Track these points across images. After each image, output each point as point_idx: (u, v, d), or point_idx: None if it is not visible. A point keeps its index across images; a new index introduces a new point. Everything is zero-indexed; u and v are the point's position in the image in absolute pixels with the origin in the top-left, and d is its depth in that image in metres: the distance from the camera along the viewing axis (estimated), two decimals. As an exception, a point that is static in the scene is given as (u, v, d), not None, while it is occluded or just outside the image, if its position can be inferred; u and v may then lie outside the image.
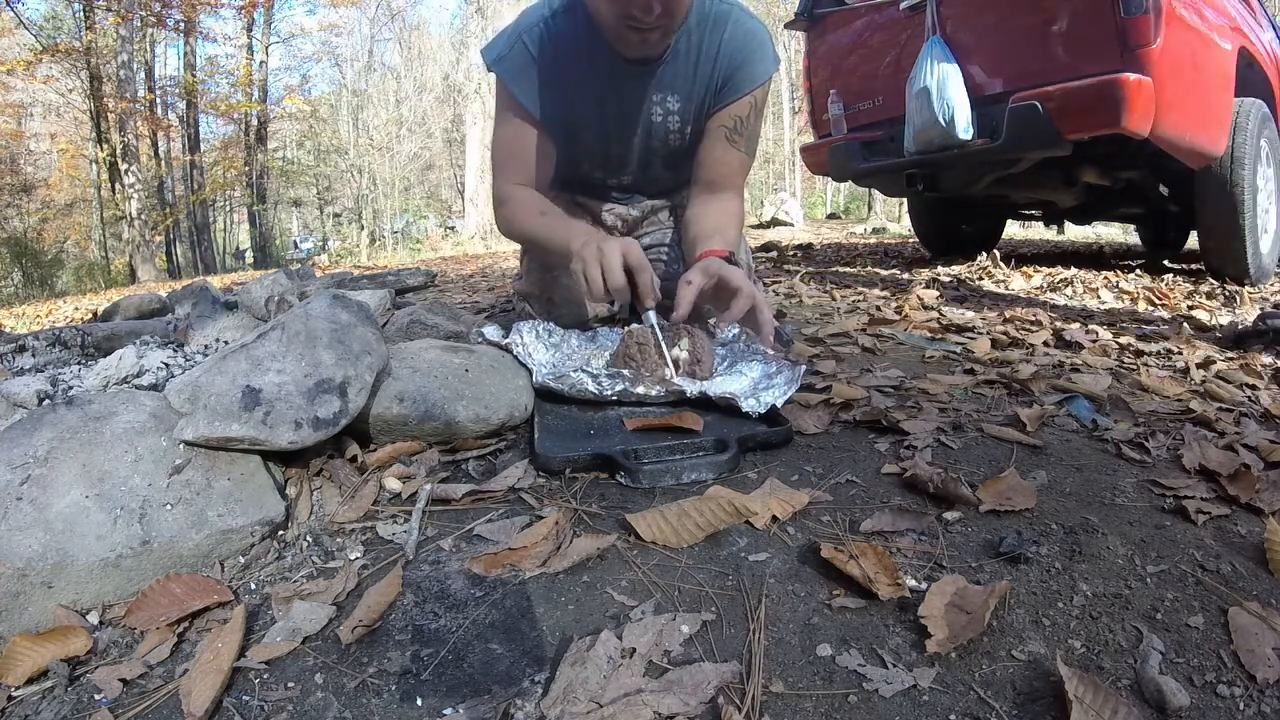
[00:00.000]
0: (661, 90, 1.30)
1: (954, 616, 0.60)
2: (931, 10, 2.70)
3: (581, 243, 1.14)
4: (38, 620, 0.67)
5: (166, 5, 12.78)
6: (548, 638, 0.62)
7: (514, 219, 1.33)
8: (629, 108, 1.32)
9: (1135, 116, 2.27)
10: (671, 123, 1.35)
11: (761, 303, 1.10)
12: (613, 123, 1.34)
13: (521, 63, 1.25)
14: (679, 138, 1.37)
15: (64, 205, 18.60)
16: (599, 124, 1.35)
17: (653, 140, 1.38)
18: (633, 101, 1.31)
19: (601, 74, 1.27)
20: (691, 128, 1.36)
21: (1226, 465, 0.87)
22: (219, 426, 0.80)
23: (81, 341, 1.41)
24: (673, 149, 1.39)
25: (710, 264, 1.14)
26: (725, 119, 1.31)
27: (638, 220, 1.56)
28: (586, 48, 1.24)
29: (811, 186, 21.65)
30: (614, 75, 1.27)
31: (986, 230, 4.31)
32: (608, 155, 1.42)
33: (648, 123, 1.35)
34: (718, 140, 1.33)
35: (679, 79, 1.29)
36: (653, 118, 1.34)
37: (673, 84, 1.30)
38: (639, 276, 1.10)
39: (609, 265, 1.08)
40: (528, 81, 1.25)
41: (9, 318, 4.90)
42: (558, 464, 0.90)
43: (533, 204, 1.31)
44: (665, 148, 1.39)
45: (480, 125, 13.80)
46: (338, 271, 3.67)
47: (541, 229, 1.28)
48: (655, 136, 1.37)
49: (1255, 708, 0.54)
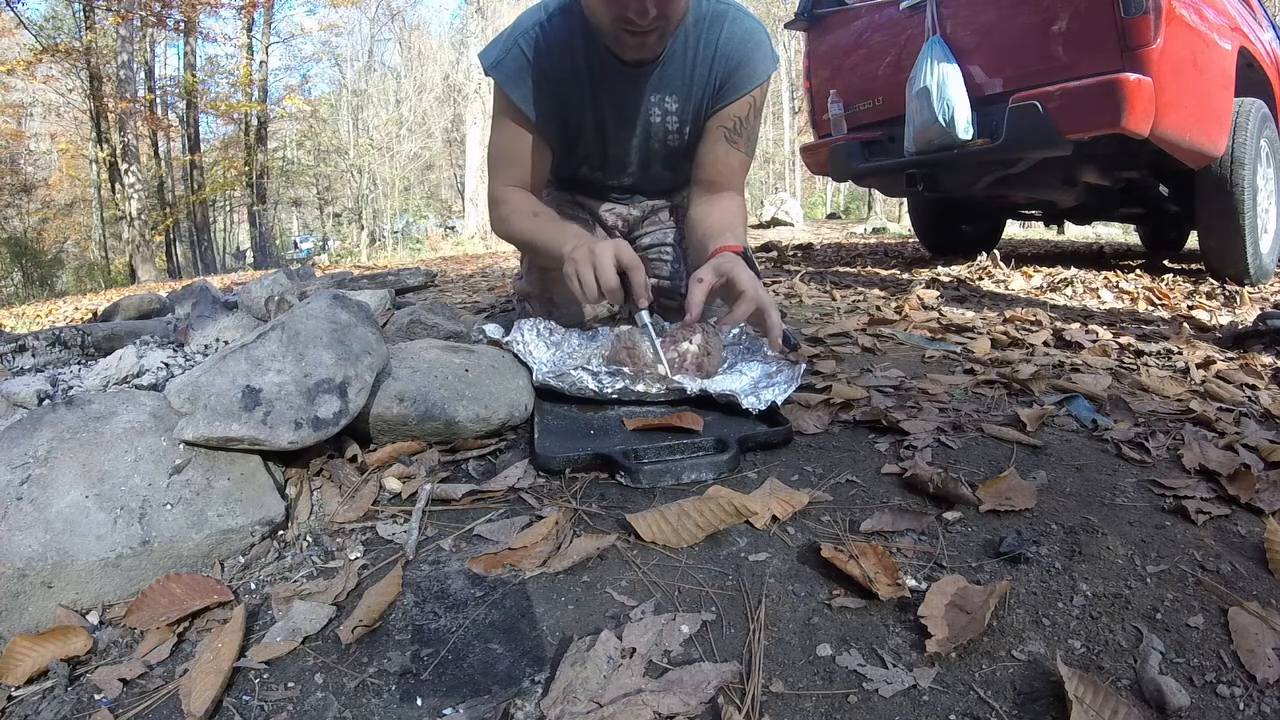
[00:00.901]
0: (659, 91, 1.30)
1: (954, 616, 0.60)
2: (931, 10, 2.70)
3: (573, 246, 1.14)
4: (38, 620, 0.67)
5: (166, 5, 12.77)
6: (548, 638, 0.62)
7: (508, 220, 1.33)
8: (627, 110, 1.32)
9: (1135, 116, 2.27)
10: (670, 123, 1.35)
11: (769, 305, 1.09)
12: (611, 125, 1.35)
13: (517, 67, 1.25)
14: (678, 138, 1.37)
15: (64, 205, 18.61)
16: (597, 126, 1.35)
17: (652, 141, 1.38)
18: (631, 103, 1.31)
19: (598, 76, 1.27)
20: (690, 128, 1.36)
21: (1226, 465, 0.87)
22: (219, 426, 0.80)
23: (81, 341, 1.41)
24: (672, 149, 1.40)
25: (723, 262, 1.12)
26: (725, 119, 1.31)
27: (638, 220, 1.57)
28: (583, 50, 1.24)
29: (811, 186, 21.65)
30: (611, 77, 1.27)
31: (986, 230, 4.31)
32: (606, 157, 1.42)
33: (646, 124, 1.35)
34: (718, 140, 1.33)
35: (676, 79, 1.29)
36: (651, 119, 1.34)
37: (670, 85, 1.30)
38: (632, 276, 1.09)
39: (601, 266, 1.08)
40: (524, 85, 1.25)
41: (9, 318, 4.90)
42: (558, 464, 0.90)
43: (525, 206, 1.31)
44: (665, 148, 1.39)
45: (480, 125, 13.80)
46: (338, 271, 3.67)
47: (534, 231, 1.28)
48: (654, 137, 1.37)
49: (1255, 708, 0.54)
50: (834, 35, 3.31)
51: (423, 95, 21.02)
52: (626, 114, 1.33)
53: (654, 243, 1.54)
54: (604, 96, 1.30)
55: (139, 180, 12.03)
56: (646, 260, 1.46)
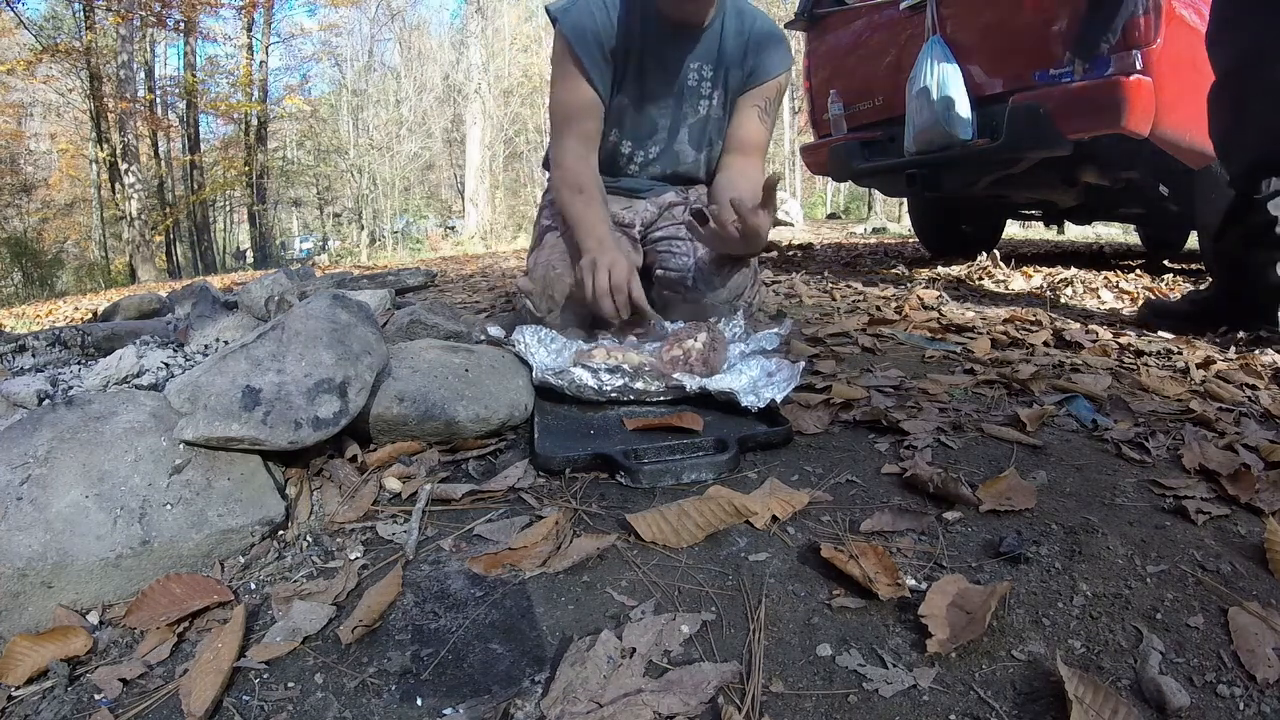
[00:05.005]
0: (698, 59, 1.46)
1: (955, 616, 0.60)
2: (931, 10, 2.70)
3: (591, 259, 1.28)
4: (38, 620, 0.67)
5: (166, 5, 12.76)
6: (548, 638, 0.62)
7: (557, 190, 1.47)
8: (669, 68, 1.46)
9: (1135, 116, 2.27)
10: (704, 89, 1.49)
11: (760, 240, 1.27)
12: (651, 79, 1.46)
13: (584, 18, 1.38)
14: (707, 104, 1.51)
15: (64, 205, 18.60)
16: (639, 84, 1.47)
17: (684, 104, 1.50)
18: (673, 63, 1.45)
19: (650, 34, 1.41)
20: (717, 97, 1.50)
21: (1226, 465, 0.87)
22: (219, 426, 0.80)
23: (81, 341, 1.41)
24: (700, 117, 1.52)
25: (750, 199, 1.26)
26: (757, 98, 1.52)
27: (654, 217, 1.61)
28: (639, 8, 1.39)
29: (811, 186, 21.64)
30: (660, 37, 1.42)
31: (986, 230, 4.31)
32: (641, 119, 1.51)
33: (682, 86, 1.48)
34: (752, 113, 1.53)
35: (713, 50, 1.46)
36: (687, 81, 1.48)
37: (708, 55, 1.46)
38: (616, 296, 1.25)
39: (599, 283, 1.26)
40: (588, 39, 1.38)
41: (9, 318, 4.90)
42: (558, 464, 0.90)
43: (573, 179, 1.43)
44: (694, 113, 1.52)
45: (480, 125, 13.78)
46: (338, 271, 3.66)
47: (572, 211, 1.41)
48: (687, 100, 1.50)
49: (1255, 708, 0.54)
50: (834, 35, 3.31)
51: (423, 95, 21.02)
52: (668, 72, 1.46)
53: (666, 235, 1.57)
54: (650, 54, 1.43)
55: (139, 180, 12.02)
56: (657, 252, 1.54)
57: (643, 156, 1.58)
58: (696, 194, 1.61)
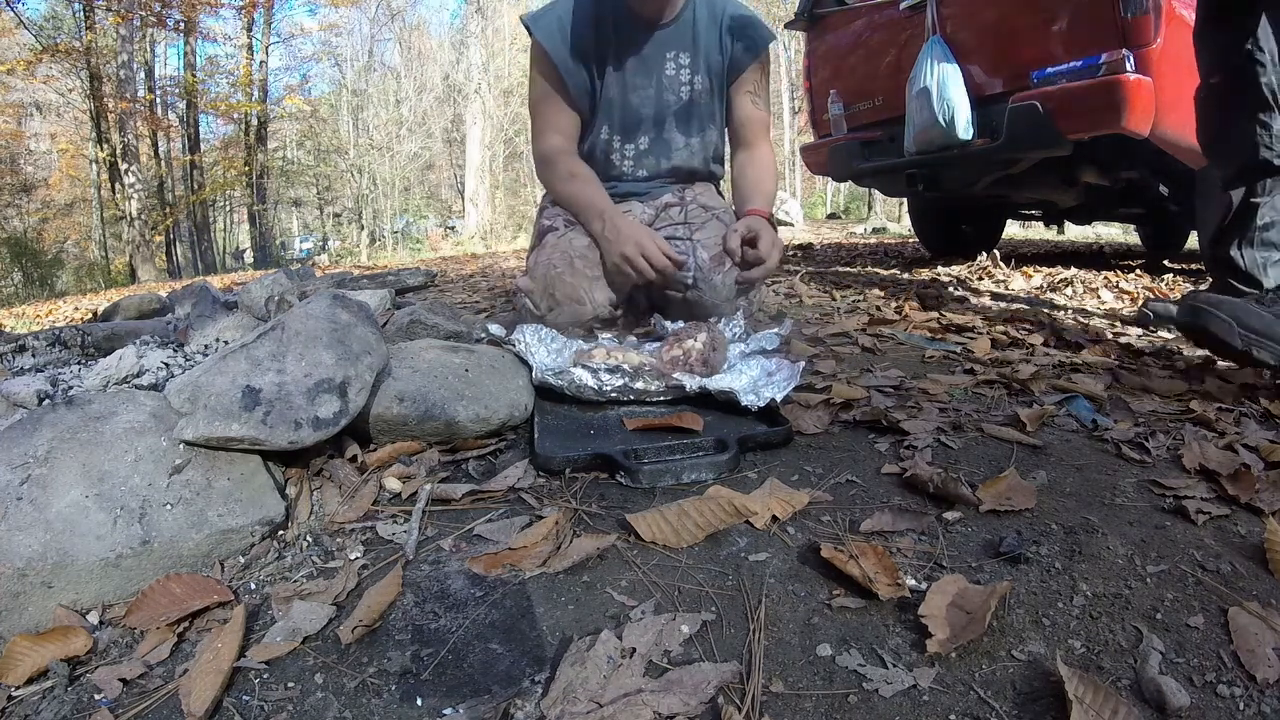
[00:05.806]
0: (673, 49, 1.52)
1: (955, 616, 0.60)
2: (931, 10, 2.70)
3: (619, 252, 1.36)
4: (38, 620, 0.67)
5: (166, 5, 12.74)
6: (548, 638, 0.62)
7: (550, 183, 1.57)
8: (647, 63, 1.52)
9: (1135, 116, 2.27)
10: (682, 75, 1.55)
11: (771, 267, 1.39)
12: (630, 72, 1.53)
13: (554, 22, 1.46)
14: (689, 89, 1.56)
15: (64, 205, 18.59)
16: (618, 78, 1.52)
17: (666, 93, 1.55)
18: (649, 57, 1.52)
19: (624, 30, 1.48)
20: (700, 83, 1.56)
21: (1226, 465, 0.87)
22: (219, 426, 0.80)
23: (81, 341, 1.41)
24: (684, 102, 1.57)
25: (753, 222, 1.39)
26: (746, 85, 1.58)
27: (651, 218, 1.63)
28: (610, 8, 1.46)
29: (811, 186, 21.64)
30: (631, 34, 1.48)
31: (986, 230, 4.31)
32: (626, 111, 1.56)
33: (661, 75, 1.54)
34: (744, 104, 1.60)
35: (687, 39, 1.52)
36: (666, 71, 1.54)
37: (682, 43, 1.52)
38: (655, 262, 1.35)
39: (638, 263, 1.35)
40: (558, 42, 1.45)
41: (9, 318, 4.90)
42: (558, 464, 0.90)
43: (562, 168, 1.52)
44: (677, 100, 1.57)
45: (480, 125, 13.77)
46: (338, 271, 3.66)
47: (570, 194, 1.51)
48: (668, 89, 1.55)
49: (1255, 708, 0.54)
50: (834, 35, 3.31)
51: (423, 95, 21.01)
52: (646, 65, 1.52)
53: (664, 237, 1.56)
54: (624, 51, 1.50)
55: (139, 180, 12.02)
56: None
57: (634, 149, 1.61)
58: (693, 194, 1.62)
